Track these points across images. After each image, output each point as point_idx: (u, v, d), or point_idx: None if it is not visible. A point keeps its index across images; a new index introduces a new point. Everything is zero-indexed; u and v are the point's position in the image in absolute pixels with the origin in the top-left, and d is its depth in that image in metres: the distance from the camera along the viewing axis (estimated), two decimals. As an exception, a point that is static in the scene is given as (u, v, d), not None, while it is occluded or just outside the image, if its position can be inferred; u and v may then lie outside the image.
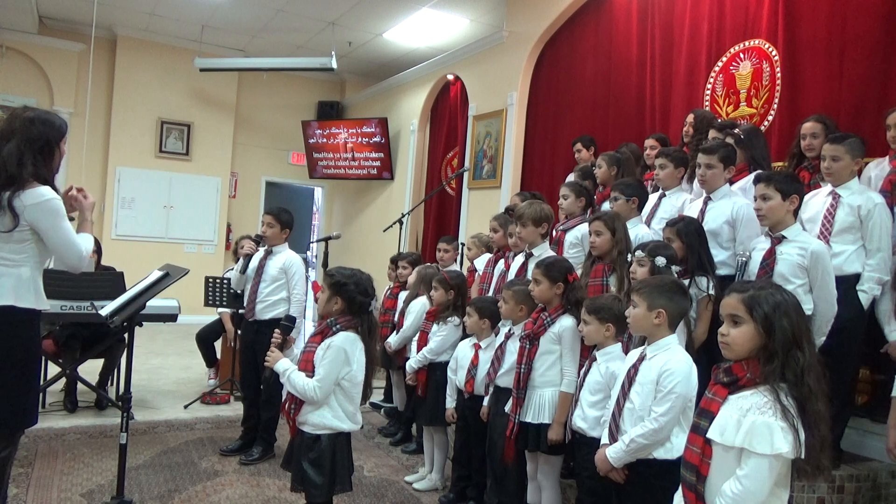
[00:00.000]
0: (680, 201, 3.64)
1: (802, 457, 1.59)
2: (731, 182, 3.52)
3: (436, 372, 3.66)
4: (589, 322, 2.62)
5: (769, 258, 2.83)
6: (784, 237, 2.82)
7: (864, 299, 3.02)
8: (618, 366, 2.51)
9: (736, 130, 3.71)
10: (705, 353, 2.67)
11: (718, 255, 3.16)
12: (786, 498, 1.67)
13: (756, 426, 1.59)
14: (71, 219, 2.62)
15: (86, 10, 7.82)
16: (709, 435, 1.68)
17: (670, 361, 2.20)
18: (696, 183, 3.56)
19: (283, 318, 2.76)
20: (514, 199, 5.02)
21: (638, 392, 2.23)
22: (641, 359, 2.27)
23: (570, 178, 4.84)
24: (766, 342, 1.67)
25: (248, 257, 4.06)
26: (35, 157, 2.46)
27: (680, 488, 1.80)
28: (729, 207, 3.26)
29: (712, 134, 3.93)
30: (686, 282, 2.78)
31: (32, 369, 2.60)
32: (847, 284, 3.01)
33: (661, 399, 2.17)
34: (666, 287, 2.29)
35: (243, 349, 4.13)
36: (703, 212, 3.34)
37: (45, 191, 2.45)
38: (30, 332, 2.54)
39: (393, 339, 4.24)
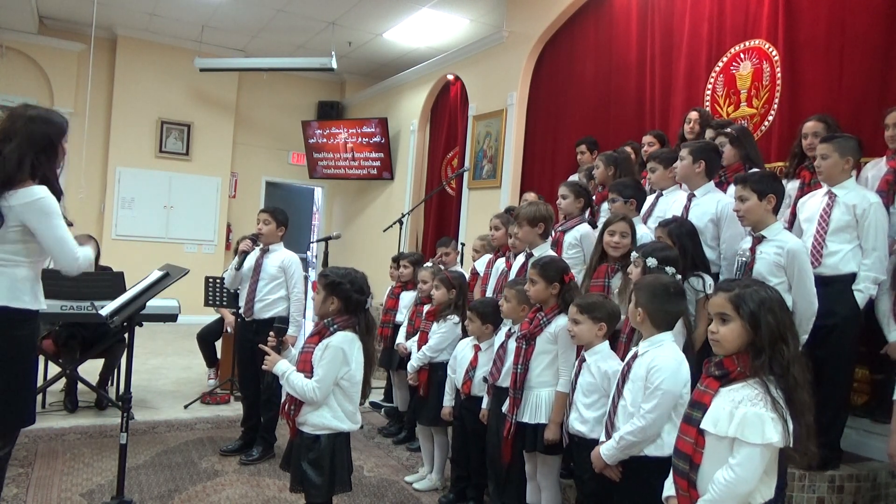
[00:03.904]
0: (674, 200, 3.63)
1: (791, 445, 1.68)
2: (729, 181, 3.53)
3: (437, 372, 3.66)
4: (580, 321, 2.61)
5: (749, 257, 2.85)
6: (764, 237, 2.83)
7: (861, 299, 3.01)
8: (610, 365, 2.53)
9: (729, 129, 3.72)
10: (703, 351, 2.67)
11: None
12: (773, 485, 1.75)
13: (748, 417, 1.67)
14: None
15: (86, 10, 7.81)
16: (702, 425, 1.77)
17: (657, 358, 2.23)
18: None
19: (277, 319, 2.76)
20: (528, 196, 5.04)
21: (630, 389, 2.27)
22: (635, 356, 2.31)
23: (574, 178, 4.84)
24: (753, 338, 1.75)
25: (245, 254, 4.06)
26: (37, 156, 2.44)
27: (670, 475, 1.86)
28: (713, 205, 3.25)
29: (709, 134, 3.94)
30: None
31: (29, 370, 2.58)
32: (843, 284, 3.02)
33: (649, 396, 2.20)
34: (651, 287, 2.33)
35: (242, 349, 4.13)
36: (686, 208, 3.34)
37: (37, 190, 2.42)
38: (26, 332, 2.52)
39: (414, 355, 3.88)
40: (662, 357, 2.23)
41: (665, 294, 2.30)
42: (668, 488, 1.87)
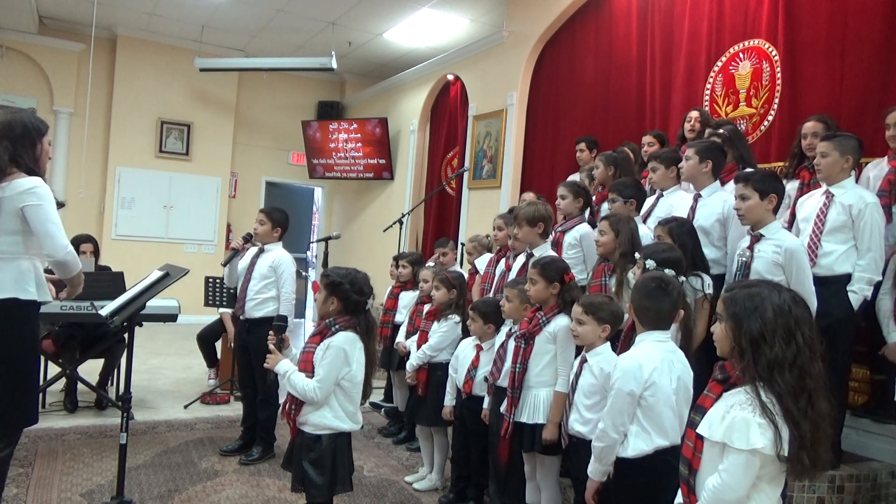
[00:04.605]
0: (677, 199, 3.63)
1: (785, 453, 1.59)
2: (724, 181, 3.54)
3: (436, 372, 3.66)
4: (585, 322, 2.60)
5: (749, 256, 2.86)
6: (762, 235, 2.84)
7: (855, 300, 3.00)
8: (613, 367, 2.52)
9: (721, 130, 3.72)
10: (705, 354, 2.67)
11: (710, 253, 3.14)
12: (774, 494, 1.67)
13: (735, 422, 1.62)
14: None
15: (86, 10, 7.82)
16: (698, 430, 1.73)
17: (622, 357, 2.25)
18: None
19: (276, 317, 2.75)
20: (527, 196, 5.04)
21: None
22: None
23: (574, 177, 4.84)
24: (735, 339, 1.69)
25: (234, 251, 4.07)
26: (13, 144, 2.47)
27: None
28: (720, 205, 3.25)
29: (708, 133, 3.94)
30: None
31: (32, 369, 2.60)
32: (837, 284, 3.00)
33: (608, 396, 2.23)
34: (637, 285, 2.36)
35: (238, 348, 4.13)
36: (693, 209, 3.34)
37: (31, 180, 2.48)
38: (31, 325, 2.55)
39: (413, 354, 3.87)
40: (625, 357, 2.23)
41: (646, 291, 2.28)
42: (679, 494, 1.84)
